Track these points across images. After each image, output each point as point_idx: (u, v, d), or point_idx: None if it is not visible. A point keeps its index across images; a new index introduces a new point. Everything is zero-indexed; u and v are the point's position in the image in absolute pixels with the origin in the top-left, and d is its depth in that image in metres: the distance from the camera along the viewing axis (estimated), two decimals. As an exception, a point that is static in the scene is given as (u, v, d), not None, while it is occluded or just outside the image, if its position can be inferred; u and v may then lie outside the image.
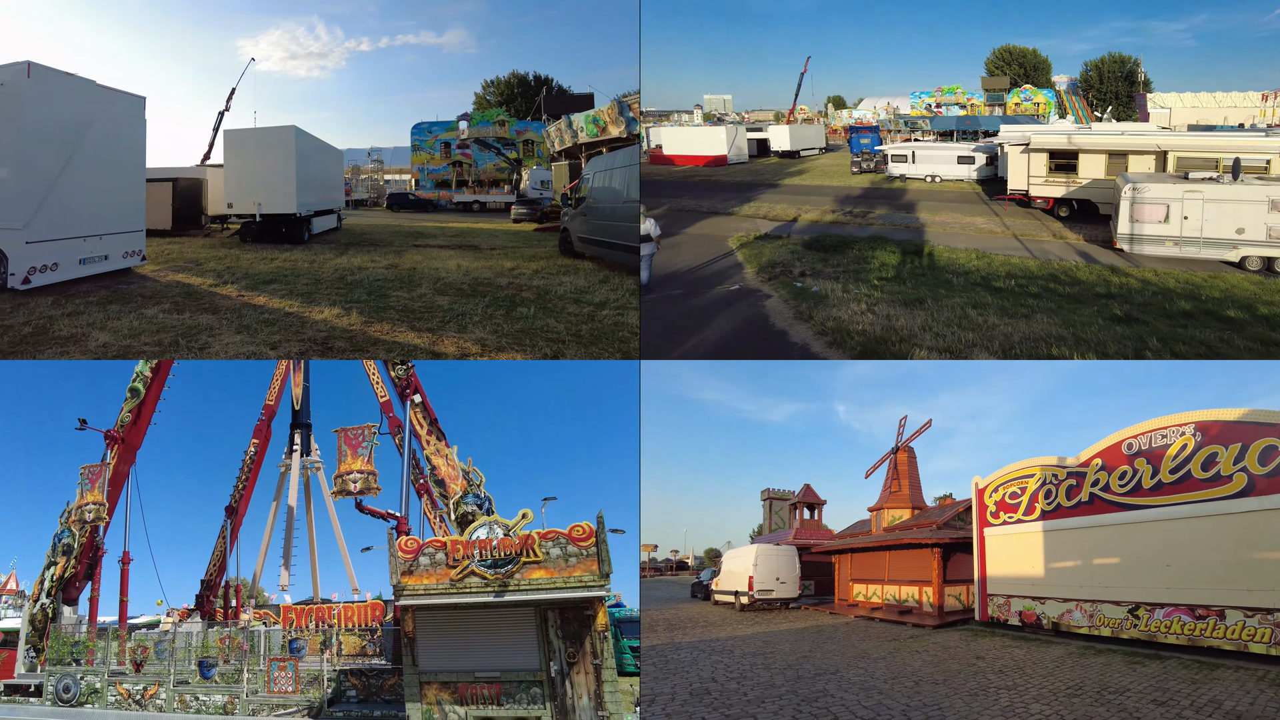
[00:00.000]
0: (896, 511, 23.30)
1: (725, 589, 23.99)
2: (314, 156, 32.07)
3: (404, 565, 9.99)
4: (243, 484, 21.49)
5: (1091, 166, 25.16)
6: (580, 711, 9.45)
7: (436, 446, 14.40)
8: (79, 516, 16.61)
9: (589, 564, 9.35)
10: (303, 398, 23.28)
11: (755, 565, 22.05)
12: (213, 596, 20.87)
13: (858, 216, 27.85)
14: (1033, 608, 15.30)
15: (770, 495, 35.31)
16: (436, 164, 57.30)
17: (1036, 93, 68.53)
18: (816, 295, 16.35)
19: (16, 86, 15.90)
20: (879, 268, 19.02)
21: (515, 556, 9.58)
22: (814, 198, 33.79)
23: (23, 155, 16.08)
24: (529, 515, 9.96)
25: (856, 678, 10.52)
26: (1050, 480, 15.37)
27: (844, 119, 78.14)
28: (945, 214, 27.66)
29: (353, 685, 11.81)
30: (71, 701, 13.20)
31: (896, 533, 21.65)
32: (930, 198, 32.56)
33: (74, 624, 16.00)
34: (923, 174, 38.28)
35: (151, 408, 17.83)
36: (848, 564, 22.94)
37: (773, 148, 57.59)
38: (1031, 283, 17.07)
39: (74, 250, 17.76)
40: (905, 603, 19.28)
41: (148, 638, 14.29)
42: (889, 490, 23.84)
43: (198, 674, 12.92)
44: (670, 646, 14.04)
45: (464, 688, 9.79)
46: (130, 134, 19.82)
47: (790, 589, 22.61)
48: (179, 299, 17.41)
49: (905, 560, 19.72)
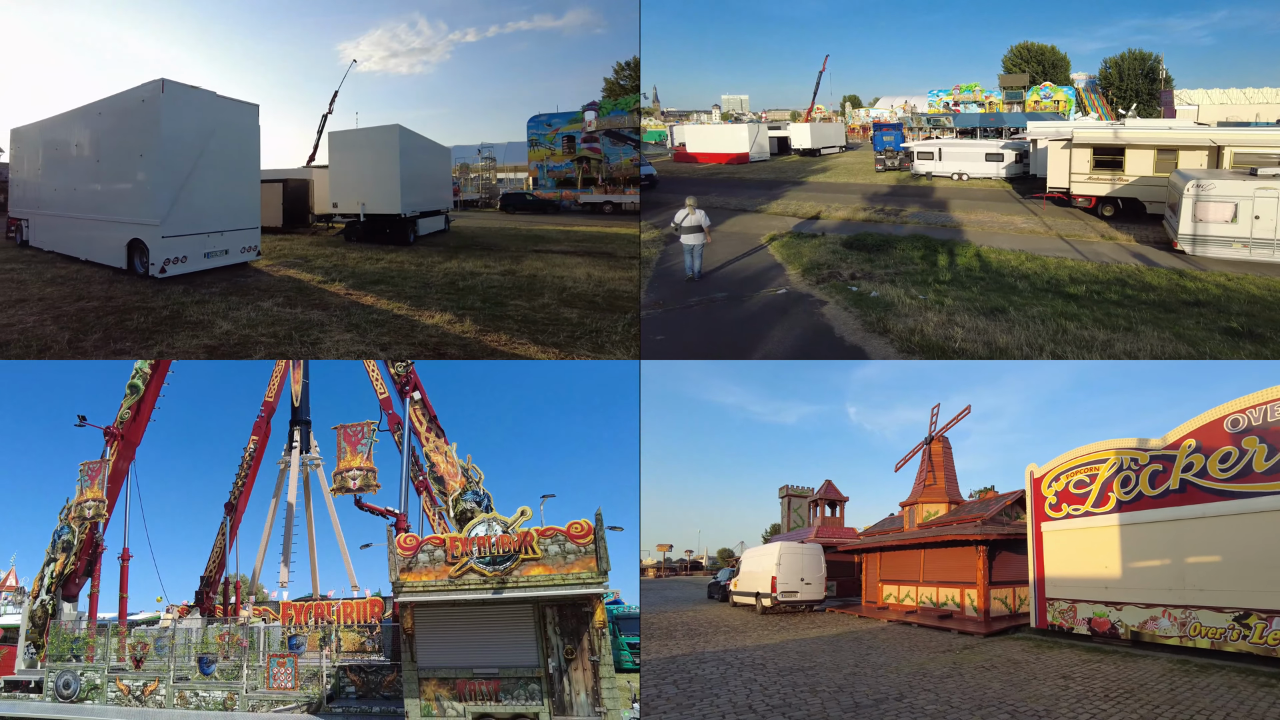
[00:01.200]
0: (931, 506, 21.47)
1: (745, 590, 22.62)
2: (418, 155, 31.52)
3: (403, 562, 10.02)
4: (242, 481, 21.51)
5: (1139, 163, 23.71)
6: (578, 708, 9.49)
7: (436, 444, 14.42)
8: (79, 513, 16.63)
9: (587, 561, 9.38)
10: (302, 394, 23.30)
11: (779, 565, 20.58)
12: (212, 593, 20.91)
13: (890, 215, 27.07)
14: (1105, 614, 13.36)
15: (789, 492, 34.17)
16: (558, 160, 50.41)
17: (1057, 90, 67.45)
18: (881, 302, 15.20)
19: (154, 101, 18.21)
20: (931, 270, 18.01)
21: (514, 554, 9.61)
22: (841, 195, 33.09)
23: (160, 161, 18.38)
24: (528, 513, 9.99)
25: (930, 707, 8.82)
26: (1129, 465, 13.25)
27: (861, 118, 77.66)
28: (980, 212, 26.82)
29: (352, 681, 11.85)
30: (71, 698, 13.24)
31: (933, 529, 19.78)
32: (960, 196, 31.77)
33: (74, 620, 16.03)
34: (949, 172, 37.61)
35: (151, 405, 17.85)
36: (876, 564, 21.54)
37: (793, 146, 57.48)
38: (1105, 289, 15.87)
39: (200, 244, 19.59)
40: (944, 606, 17.76)
41: (147, 634, 14.33)
42: (922, 484, 21.90)
43: (197, 670, 12.95)
44: (693, 659, 12.50)
45: (462, 684, 9.82)
46: (246, 139, 21.18)
47: (815, 590, 21.16)
48: (291, 293, 18.05)
49: (944, 559, 18.13)
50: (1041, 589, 15.18)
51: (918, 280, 17.08)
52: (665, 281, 18.70)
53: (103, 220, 20.33)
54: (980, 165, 36.95)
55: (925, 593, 18.78)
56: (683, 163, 52.49)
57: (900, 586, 20.00)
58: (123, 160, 19.51)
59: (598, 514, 9.42)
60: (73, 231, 22.22)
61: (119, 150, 19.71)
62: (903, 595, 19.79)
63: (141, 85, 18.80)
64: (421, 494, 15.42)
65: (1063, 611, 14.51)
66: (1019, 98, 68.60)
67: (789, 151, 57.36)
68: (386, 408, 15.62)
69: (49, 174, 23.80)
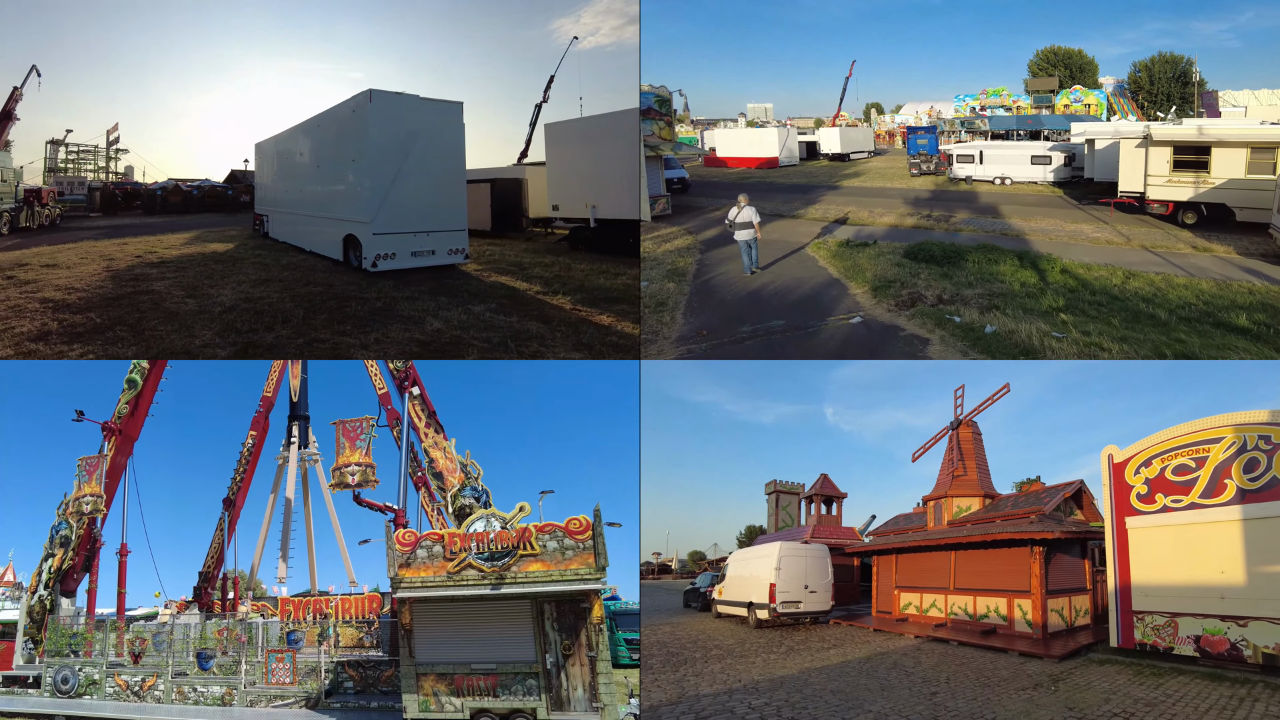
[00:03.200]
0: (963, 500, 18.51)
1: (733, 599, 19.29)
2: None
3: (401, 558, 10.01)
4: (241, 476, 21.51)
5: (1228, 163, 21.02)
6: (575, 703, 9.50)
7: (435, 439, 14.41)
8: (76, 508, 16.62)
9: (585, 557, 9.38)
10: (300, 390, 23.32)
11: (778, 569, 17.39)
12: (210, 588, 20.93)
13: (939, 221, 25.30)
14: (1221, 631, 10.82)
15: (777, 488, 30.60)
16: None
17: (1087, 93, 65.79)
18: (1006, 343, 12.67)
19: (363, 110, 19.65)
20: (1027, 289, 15.49)
21: (512, 549, 9.60)
22: (881, 199, 31.34)
23: (370, 164, 19.80)
24: (526, 508, 9.99)
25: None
26: (1257, 445, 10.82)
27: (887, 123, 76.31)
28: (1039, 219, 24.65)
29: (350, 677, 11.86)
30: (70, 693, 13.24)
31: (970, 527, 16.87)
32: (1009, 201, 29.55)
33: (72, 616, 16.05)
34: (991, 176, 35.50)
35: (149, 400, 17.84)
36: (891, 568, 18.65)
37: (822, 150, 56.91)
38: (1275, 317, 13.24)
39: (407, 243, 20.42)
40: (984, 619, 14.99)
41: (146, 629, 14.34)
42: (951, 474, 18.93)
43: (196, 665, 12.97)
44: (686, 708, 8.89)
45: (460, 679, 9.83)
46: (451, 139, 21.57)
47: (821, 599, 18.06)
48: (504, 300, 17.31)
49: (984, 563, 15.45)
50: (1126, 598, 12.34)
51: (1026, 306, 14.35)
52: (708, 300, 16.14)
53: (323, 218, 22.83)
54: (1025, 169, 34.71)
55: (958, 602, 15.93)
56: (713, 167, 52.41)
57: (923, 595, 17.18)
58: (339, 165, 21.65)
59: (596, 510, 9.43)
60: (300, 226, 25.57)
61: (336, 156, 21.92)
62: (926, 605, 17.01)
63: (352, 97, 20.35)
64: (420, 490, 15.42)
65: (1158, 628, 11.76)
66: (1048, 101, 66.85)
67: (817, 156, 56.80)
68: (385, 403, 15.60)
69: (281, 178, 28.19)
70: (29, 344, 13.19)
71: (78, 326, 14.35)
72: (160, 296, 17.33)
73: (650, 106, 26.79)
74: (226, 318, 15.23)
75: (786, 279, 17.78)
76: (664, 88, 27.63)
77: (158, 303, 16.65)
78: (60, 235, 30.91)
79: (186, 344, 13.60)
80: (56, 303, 16.36)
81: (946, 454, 19.38)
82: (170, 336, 14.05)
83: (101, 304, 16.41)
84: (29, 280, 19.15)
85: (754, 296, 16.26)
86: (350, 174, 20.89)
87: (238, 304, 16.53)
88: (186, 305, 16.46)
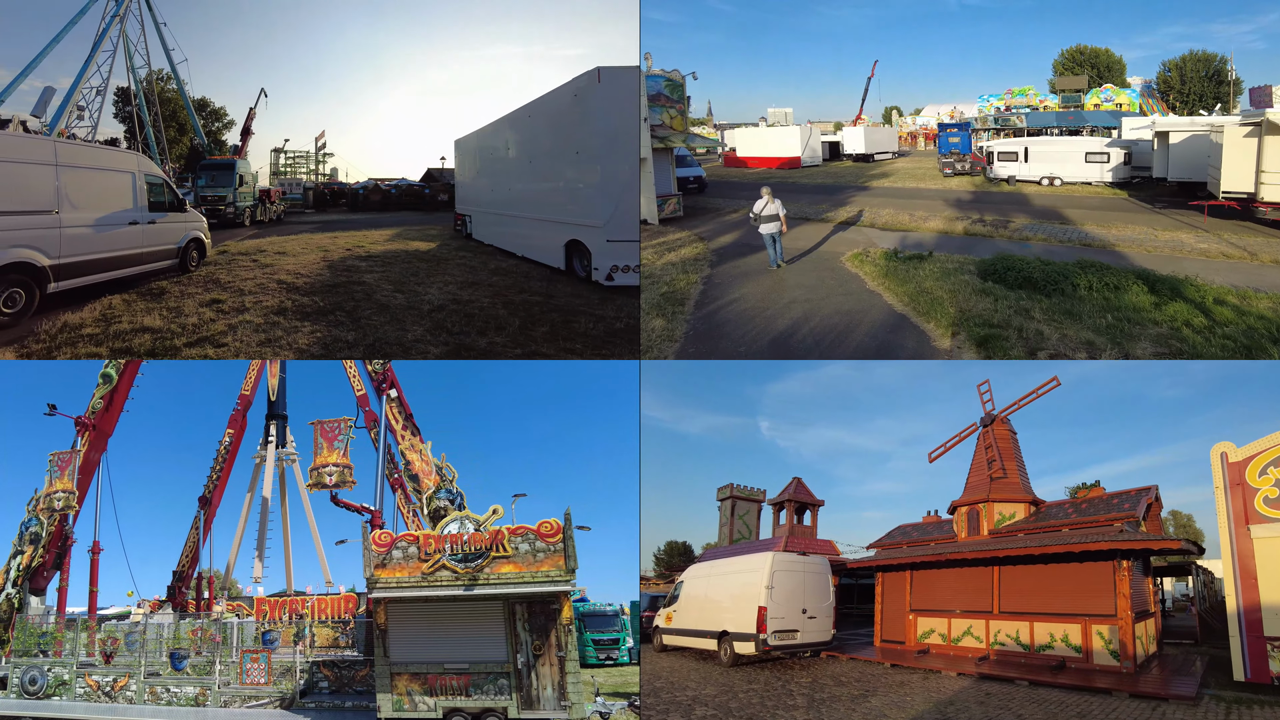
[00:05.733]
0: (1005, 507, 15.54)
1: (692, 627, 15.12)
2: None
3: (377, 558, 10.17)
4: (217, 474, 21.41)
5: None
6: (544, 702, 9.73)
7: (411, 442, 14.54)
8: (47, 504, 16.50)
9: (556, 559, 9.60)
10: (279, 389, 23.24)
11: (770, 587, 13.47)
12: (185, 588, 20.81)
13: (996, 227, 21.87)
14: None
15: (734, 494, 25.49)
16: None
17: (1119, 92, 62.77)
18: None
19: (589, 93, 16.58)
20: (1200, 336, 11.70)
21: (485, 551, 9.80)
22: (918, 201, 28.25)
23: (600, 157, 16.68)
24: (499, 511, 10.19)
25: None
26: None
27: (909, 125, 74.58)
28: (1119, 226, 21.07)
29: (325, 676, 11.96)
30: (38, 694, 13.19)
31: (1024, 537, 14.22)
32: (1069, 204, 26.27)
33: (41, 614, 15.92)
34: (1037, 175, 32.15)
35: (124, 395, 17.74)
36: (902, 588, 15.81)
37: (845, 150, 55.28)
38: None
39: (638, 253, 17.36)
40: (1046, 649, 12.47)
41: (118, 629, 14.29)
42: (990, 476, 15.90)
43: (169, 665, 12.97)
44: None
45: (433, 678, 10.01)
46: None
47: (822, 627, 14.42)
48: None
49: (1045, 580, 13.03)
50: (1255, 623, 10.60)
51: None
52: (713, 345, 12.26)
53: (538, 220, 20.66)
54: (1078, 167, 31.37)
55: (1006, 629, 13.34)
56: (732, 167, 51.46)
57: (951, 620, 14.46)
58: (558, 160, 18.74)
59: (566, 514, 9.65)
60: (508, 229, 24.10)
61: (555, 150, 19.17)
62: (957, 633, 14.26)
63: (574, 79, 17.40)
64: (396, 491, 15.53)
65: None
66: (1076, 101, 63.84)
67: (840, 157, 55.10)
68: (363, 404, 15.70)
69: (485, 176, 26.66)
70: (273, 316, 15.16)
71: (306, 307, 15.90)
72: (371, 288, 18.11)
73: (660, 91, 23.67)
74: (436, 316, 15.32)
75: (828, 312, 13.23)
76: (676, 71, 24.61)
77: (370, 294, 17.48)
78: (285, 228, 35.88)
79: (399, 336, 14.08)
80: (289, 285, 18.37)
81: (978, 454, 16.35)
82: (384, 327, 14.64)
83: (323, 290, 17.89)
84: (268, 264, 21.85)
85: (782, 344, 11.84)
86: (573, 170, 17.91)
87: (445, 304, 16.47)
88: (396, 299, 16.93)
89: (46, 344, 12.79)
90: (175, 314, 15.12)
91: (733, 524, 25.65)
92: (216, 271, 20.32)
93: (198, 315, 14.98)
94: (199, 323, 14.61)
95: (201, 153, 48.21)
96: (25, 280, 13.27)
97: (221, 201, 35.17)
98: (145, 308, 15.44)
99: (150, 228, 17.63)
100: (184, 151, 52.18)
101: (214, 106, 62.96)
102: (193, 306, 15.67)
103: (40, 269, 13.49)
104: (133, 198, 16.93)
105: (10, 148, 13.95)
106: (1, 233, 12.85)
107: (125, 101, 50.85)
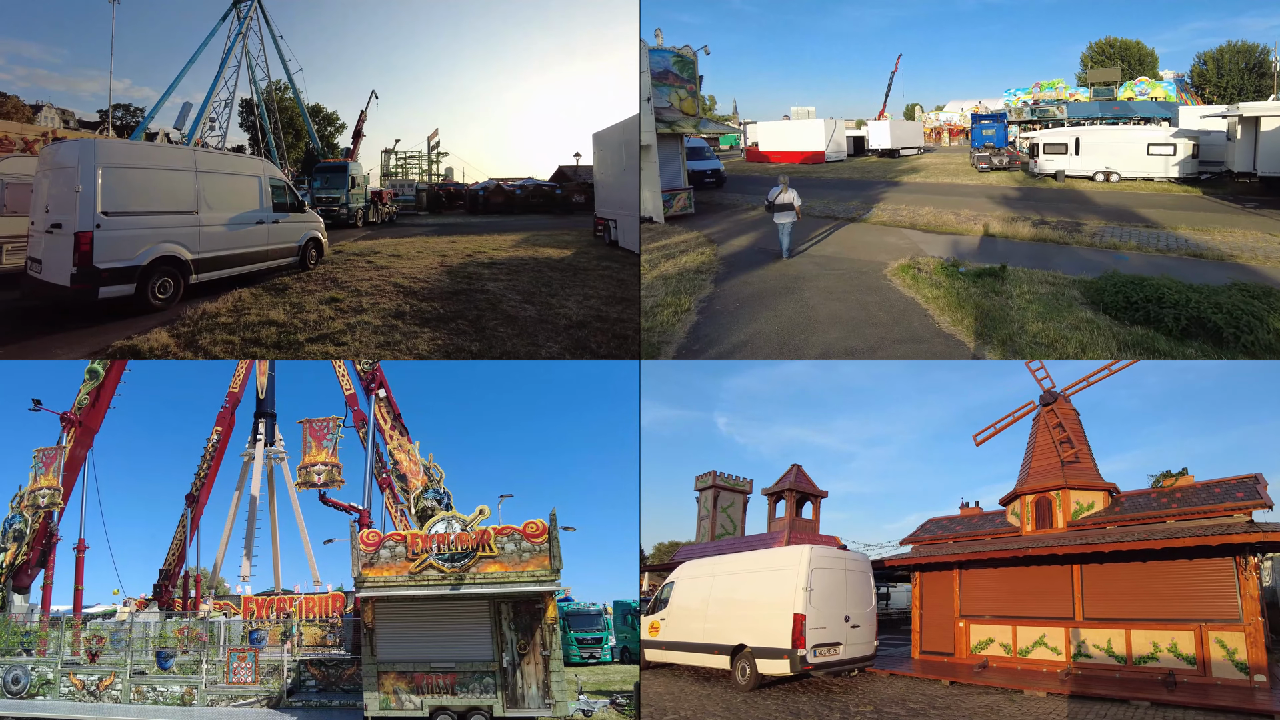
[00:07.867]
0: (1085, 495, 13.16)
1: (690, 640, 12.47)
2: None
3: (365, 558, 10.23)
4: (204, 472, 21.36)
5: None
6: (529, 700, 9.83)
7: (399, 442, 14.60)
8: (32, 501, 16.43)
9: (541, 559, 9.71)
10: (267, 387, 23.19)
11: (808, 589, 10.80)
12: (171, 586, 20.76)
13: (1069, 231, 18.75)
14: None
15: (716, 483, 22.82)
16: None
17: (1154, 85, 59.13)
18: None
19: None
20: None
21: (472, 551, 9.89)
22: (960, 199, 25.16)
23: None
24: (486, 511, 10.28)
25: None
26: None
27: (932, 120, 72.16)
28: (1221, 231, 17.85)
29: (312, 675, 12.00)
30: (22, 693, 13.14)
31: (1117, 530, 12.10)
32: (1139, 203, 23.17)
33: (25, 613, 15.84)
34: (1090, 170, 29.34)
35: (111, 391, 17.68)
36: (949, 590, 13.67)
37: (870, 145, 53.58)
38: None
39: None
40: (1149, 661, 10.73)
41: (103, 627, 14.26)
42: (1061, 459, 13.49)
43: (155, 664, 12.97)
44: None
45: (420, 677, 10.09)
46: None
47: (866, 639, 11.88)
48: None
49: (1142, 580, 11.21)
50: None
51: None
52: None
53: None
54: (1139, 161, 28.27)
55: (1093, 638, 11.48)
56: (754, 161, 49.63)
57: (1018, 627, 12.40)
58: None
59: (552, 514, 9.76)
60: None
61: None
62: (1026, 643, 12.25)
63: None
64: (384, 491, 15.59)
65: None
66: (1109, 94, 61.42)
67: (865, 152, 53.45)
68: (352, 404, 15.73)
69: (633, 175, 22.36)
70: (391, 319, 14.85)
71: (425, 313, 15.39)
72: (496, 298, 16.85)
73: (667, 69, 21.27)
74: (576, 334, 13.80)
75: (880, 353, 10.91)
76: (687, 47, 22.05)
77: (495, 304, 16.27)
78: (397, 230, 34.50)
79: (531, 352, 12.96)
80: (405, 288, 17.76)
81: (1040, 436, 14.10)
82: (512, 340, 13.48)
83: (442, 296, 17.11)
84: (383, 265, 21.26)
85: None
86: None
87: (588, 320, 14.61)
88: (526, 311, 15.49)
89: (191, 328, 13.68)
90: (297, 309, 15.36)
91: (715, 517, 22.89)
92: (333, 270, 20.25)
93: (318, 312, 15.22)
94: (319, 319, 14.73)
95: (316, 157, 47.27)
96: (173, 271, 15.02)
97: (335, 203, 35.26)
98: (270, 302, 15.88)
99: (275, 227, 18.56)
100: (300, 156, 52.49)
101: (326, 112, 62.91)
102: (313, 303, 15.90)
103: (185, 262, 15.26)
104: (259, 199, 18.04)
105: (162, 157, 16.21)
106: (155, 230, 14.58)
107: (249, 111, 51.61)
